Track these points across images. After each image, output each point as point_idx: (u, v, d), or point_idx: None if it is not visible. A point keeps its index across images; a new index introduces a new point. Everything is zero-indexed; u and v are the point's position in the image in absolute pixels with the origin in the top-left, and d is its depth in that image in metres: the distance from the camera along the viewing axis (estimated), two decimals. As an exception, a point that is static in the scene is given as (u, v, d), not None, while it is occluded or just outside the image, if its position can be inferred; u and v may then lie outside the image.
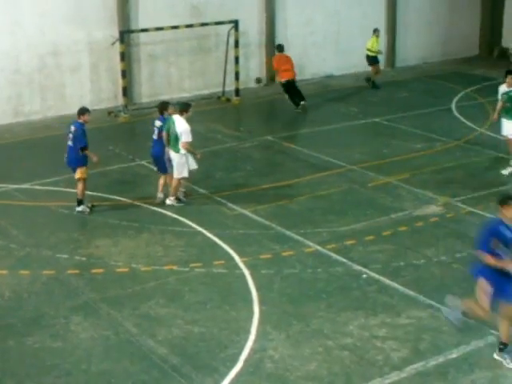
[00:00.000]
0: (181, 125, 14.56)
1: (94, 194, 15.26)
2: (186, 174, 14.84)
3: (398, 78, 26.18)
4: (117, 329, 10.69)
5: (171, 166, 14.84)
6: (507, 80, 16.58)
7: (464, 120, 20.92)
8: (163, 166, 14.99)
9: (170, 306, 11.31)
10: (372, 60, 24.95)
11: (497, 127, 19.94)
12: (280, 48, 22.36)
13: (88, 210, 14.62)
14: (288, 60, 21.98)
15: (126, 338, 10.47)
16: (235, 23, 22.75)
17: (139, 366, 9.81)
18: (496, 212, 9.73)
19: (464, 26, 29.38)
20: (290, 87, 21.92)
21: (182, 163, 14.70)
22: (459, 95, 23.52)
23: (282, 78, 21.84)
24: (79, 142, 14.36)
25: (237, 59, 23.15)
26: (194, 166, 15.01)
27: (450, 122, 20.44)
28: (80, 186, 14.53)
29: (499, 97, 16.79)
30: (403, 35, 27.97)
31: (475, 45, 30.09)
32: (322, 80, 25.88)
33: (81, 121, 14.48)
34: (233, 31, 22.86)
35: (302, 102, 21.74)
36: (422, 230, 13.90)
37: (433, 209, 14.81)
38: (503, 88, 16.79)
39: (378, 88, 24.57)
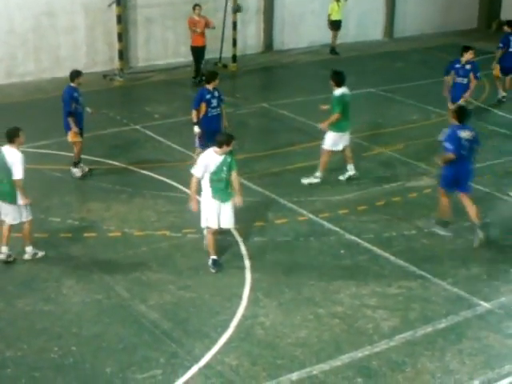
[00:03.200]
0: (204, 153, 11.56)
1: (88, 157, 15.20)
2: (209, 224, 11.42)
3: (395, 49, 26.09)
4: (108, 293, 10.73)
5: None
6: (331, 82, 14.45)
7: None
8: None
9: (162, 272, 11.34)
10: (330, 25, 25.26)
11: (493, 101, 20.01)
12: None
13: (79, 174, 14.54)
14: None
15: (118, 303, 10.51)
16: (234, -12, 22.59)
17: (130, 330, 9.86)
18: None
19: (463, -2, 29.29)
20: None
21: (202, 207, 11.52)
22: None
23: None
24: (65, 107, 14.21)
25: (235, 25, 23.01)
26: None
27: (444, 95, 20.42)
28: (74, 149, 14.49)
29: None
30: (402, 6, 27.83)
31: (474, 17, 29.96)
32: (319, 48, 25.74)
33: (73, 84, 14.30)
34: (231, -4, 22.72)
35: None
36: (414, 201, 13.94)
37: (426, 180, 14.83)
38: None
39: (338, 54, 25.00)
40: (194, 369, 9.11)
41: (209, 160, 11.07)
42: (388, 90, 20.84)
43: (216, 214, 11.19)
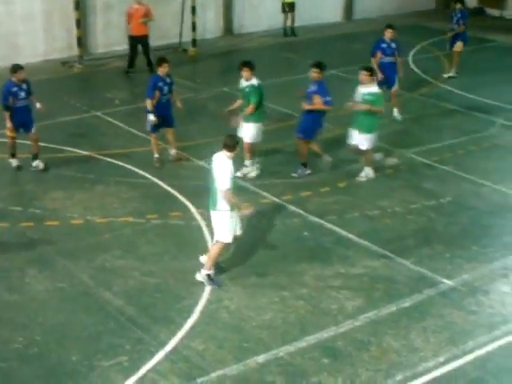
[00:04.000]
0: (220, 162, 10.35)
1: (49, 145, 15.06)
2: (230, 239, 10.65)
3: (355, 30, 26.14)
4: (72, 281, 10.66)
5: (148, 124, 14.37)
6: (242, 72, 13.85)
7: (420, 73, 21.03)
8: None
9: (126, 258, 11.29)
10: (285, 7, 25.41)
11: (453, 81, 20.20)
12: None
13: (15, 164, 14.29)
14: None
15: (82, 290, 10.45)
16: (192, -29, 22.43)
17: (95, 318, 9.81)
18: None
19: (421, -21, 29.43)
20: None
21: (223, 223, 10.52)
22: (415, 48, 23.64)
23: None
24: (1, 100, 13.91)
25: (193, 9, 22.88)
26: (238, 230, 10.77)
27: (406, 75, 20.41)
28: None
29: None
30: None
31: (432, -2, 30.19)
32: (278, 32, 25.66)
33: (13, 79, 13.87)
34: (190, -20, 22.57)
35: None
36: (376, 182, 14.01)
37: (388, 161, 14.90)
38: (242, 81, 14.09)
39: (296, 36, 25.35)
40: (160, 354, 9.10)
41: (231, 168, 10.25)
42: (348, 72, 20.85)
43: (234, 226, 10.51)
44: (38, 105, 14.24)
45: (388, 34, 17.02)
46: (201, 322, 9.77)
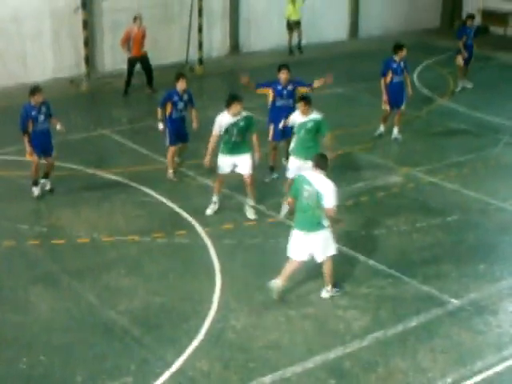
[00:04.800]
0: (324, 182, 10.36)
1: (56, 163, 15.03)
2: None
3: (360, 49, 26.16)
4: (78, 300, 10.62)
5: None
6: (232, 107, 13.00)
7: (425, 91, 21.03)
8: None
9: (132, 277, 11.25)
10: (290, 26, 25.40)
11: (457, 99, 20.21)
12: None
13: (36, 193, 13.84)
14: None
15: (87, 310, 10.41)
16: (199, -10, 22.51)
17: (100, 338, 9.77)
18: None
19: (426, -3, 29.53)
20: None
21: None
22: (420, 66, 23.64)
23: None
24: (20, 124, 13.53)
25: (200, 28, 22.96)
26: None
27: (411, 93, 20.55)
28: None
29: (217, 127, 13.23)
30: (366, 6, 27.94)
31: (437, 16, 30.18)
32: (284, 50, 25.68)
33: (32, 102, 13.42)
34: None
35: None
36: (382, 200, 13.99)
37: (393, 179, 14.89)
38: (226, 118, 13.13)
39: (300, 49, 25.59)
40: (166, 375, 9.04)
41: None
42: (354, 90, 20.90)
43: None
44: (58, 126, 13.95)
45: (401, 54, 16.80)
46: (207, 341, 9.71)
